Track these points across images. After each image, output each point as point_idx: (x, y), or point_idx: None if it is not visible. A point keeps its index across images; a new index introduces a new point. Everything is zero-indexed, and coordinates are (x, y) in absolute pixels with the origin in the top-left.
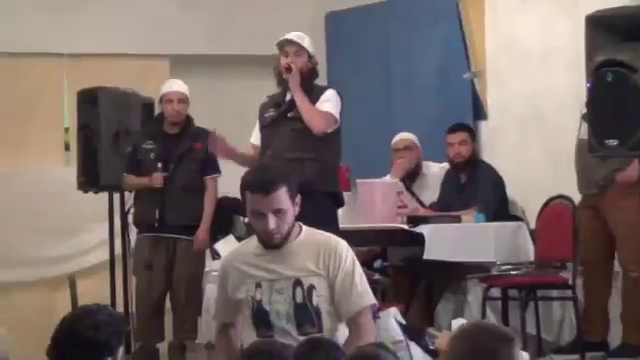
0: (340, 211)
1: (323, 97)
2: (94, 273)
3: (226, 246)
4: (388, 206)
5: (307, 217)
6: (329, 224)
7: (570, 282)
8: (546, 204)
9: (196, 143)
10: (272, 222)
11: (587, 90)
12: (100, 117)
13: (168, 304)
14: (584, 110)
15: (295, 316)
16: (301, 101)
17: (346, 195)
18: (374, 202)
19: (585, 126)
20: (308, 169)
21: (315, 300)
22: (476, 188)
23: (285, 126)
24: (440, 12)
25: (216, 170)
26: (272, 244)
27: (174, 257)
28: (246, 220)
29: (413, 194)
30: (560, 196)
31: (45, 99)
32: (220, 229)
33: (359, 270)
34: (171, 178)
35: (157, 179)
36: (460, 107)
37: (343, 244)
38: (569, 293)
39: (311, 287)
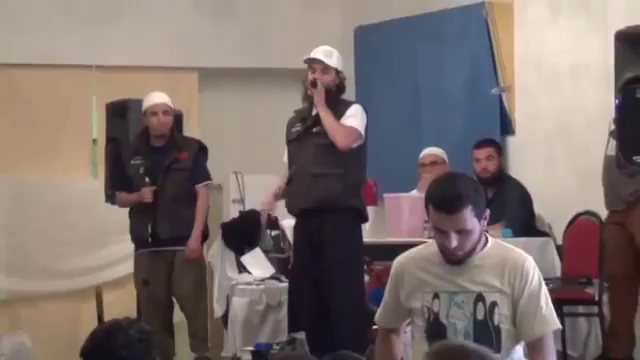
0: (367, 225)
1: (348, 112)
2: (121, 285)
3: (253, 259)
4: (415, 220)
5: (330, 232)
6: (352, 239)
7: (596, 298)
8: (573, 220)
9: (181, 153)
10: (454, 241)
11: (615, 106)
12: (129, 129)
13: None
14: (612, 127)
15: (474, 334)
16: (325, 116)
17: (373, 209)
18: (401, 216)
19: (613, 143)
20: (332, 184)
21: (496, 319)
22: (503, 203)
23: (310, 141)
24: (469, 27)
25: (206, 177)
26: (453, 260)
27: (172, 270)
28: (273, 233)
29: None
30: (587, 212)
31: (74, 111)
32: (247, 242)
33: (545, 291)
34: (161, 191)
35: (146, 194)
36: (488, 122)
37: (530, 262)
38: (595, 309)
39: (493, 304)
